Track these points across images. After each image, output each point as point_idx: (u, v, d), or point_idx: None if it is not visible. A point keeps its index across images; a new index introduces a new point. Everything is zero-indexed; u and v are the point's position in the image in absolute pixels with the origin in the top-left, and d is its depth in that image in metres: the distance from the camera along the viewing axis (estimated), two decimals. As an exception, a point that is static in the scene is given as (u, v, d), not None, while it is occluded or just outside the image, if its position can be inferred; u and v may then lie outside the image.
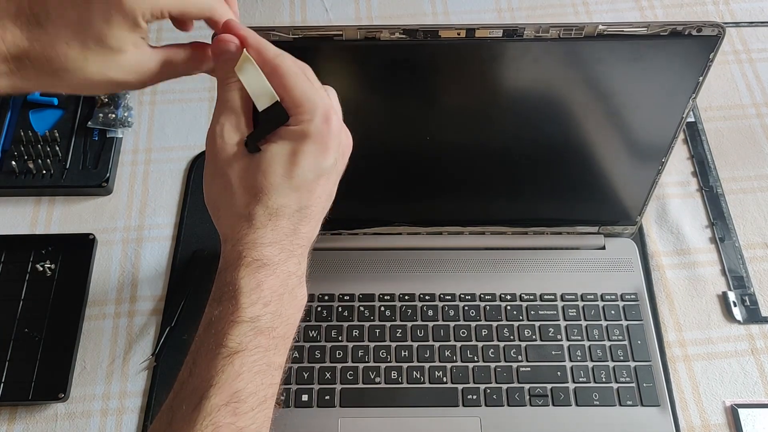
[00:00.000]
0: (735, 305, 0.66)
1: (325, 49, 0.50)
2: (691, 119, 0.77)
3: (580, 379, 0.61)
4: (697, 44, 0.49)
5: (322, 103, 0.41)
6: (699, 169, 0.74)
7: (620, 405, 0.60)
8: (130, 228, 0.71)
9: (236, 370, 0.37)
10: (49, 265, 0.67)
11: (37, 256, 0.68)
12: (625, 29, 0.48)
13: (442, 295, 0.65)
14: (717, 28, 0.48)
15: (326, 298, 0.64)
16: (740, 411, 0.61)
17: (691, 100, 0.54)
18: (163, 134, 0.77)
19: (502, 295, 0.65)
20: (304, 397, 0.60)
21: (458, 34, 0.48)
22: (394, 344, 0.62)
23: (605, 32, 0.48)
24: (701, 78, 0.52)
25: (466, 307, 0.64)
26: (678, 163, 0.75)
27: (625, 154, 0.59)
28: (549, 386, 0.60)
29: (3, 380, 0.62)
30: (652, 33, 0.49)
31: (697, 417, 0.61)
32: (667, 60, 0.51)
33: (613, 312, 0.64)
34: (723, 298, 0.67)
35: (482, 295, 0.65)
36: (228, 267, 0.40)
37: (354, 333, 0.63)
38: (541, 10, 0.86)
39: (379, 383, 0.61)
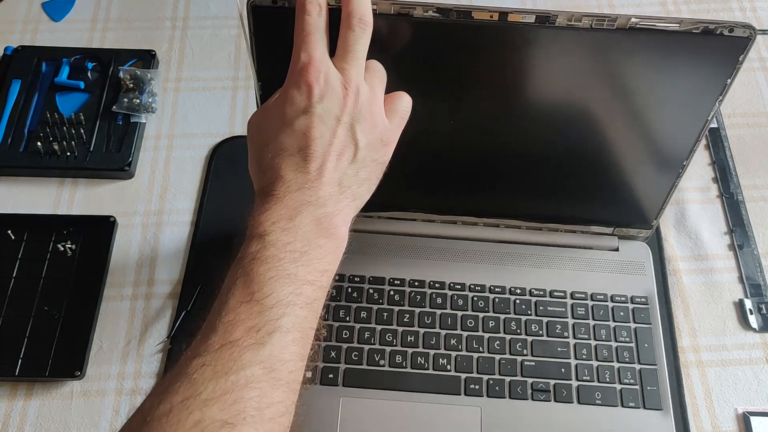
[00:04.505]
0: (751, 313, 0.65)
1: None
2: (714, 125, 0.77)
3: (584, 377, 0.60)
4: (727, 44, 0.49)
5: (302, 56, 0.44)
6: (720, 176, 0.74)
7: (622, 406, 0.59)
8: (150, 212, 0.72)
9: (250, 278, 0.41)
10: (70, 246, 0.69)
11: (58, 236, 0.69)
12: (657, 24, 0.48)
13: (452, 284, 0.65)
14: (748, 30, 0.48)
15: (336, 278, 0.64)
16: (752, 419, 0.60)
17: (717, 103, 0.53)
18: (186, 121, 0.78)
19: (512, 289, 0.65)
20: (308, 374, 0.60)
21: (491, 16, 0.48)
22: (400, 329, 0.63)
23: (637, 25, 0.48)
24: (729, 80, 0.51)
25: (475, 298, 0.64)
26: (699, 168, 0.74)
27: (647, 154, 0.59)
28: (552, 382, 0.60)
29: (21, 356, 0.63)
30: (683, 30, 0.48)
31: (708, 423, 0.61)
32: (697, 59, 0.50)
33: (622, 314, 0.63)
34: (739, 306, 0.66)
35: (492, 287, 0.65)
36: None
37: (362, 314, 0.63)
38: (567, 1, 0.86)
39: (383, 366, 0.61)
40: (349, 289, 0.64)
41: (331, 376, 0.61)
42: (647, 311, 0.64)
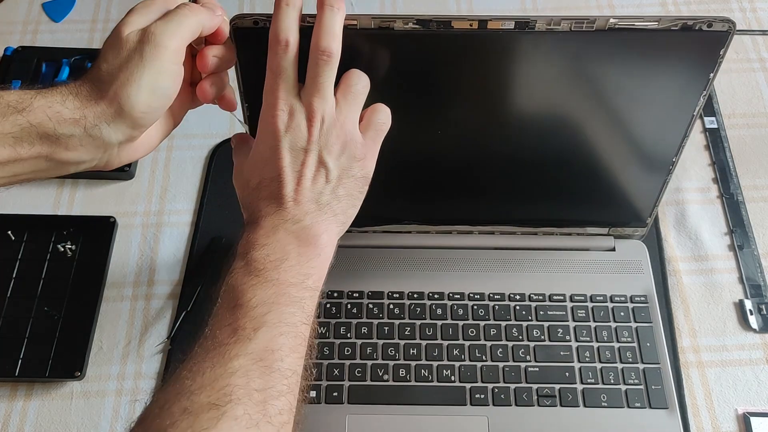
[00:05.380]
0: (751, 313, 0.65)
1: None
2: (713, 126, 0.77)
3: (588, 380, 0.60)
4: (707, 39, 0.49)
5: (268, 97, 0.47)
6: (720, 176, 0.74)
7: (628, 407, 0.59)
8: (150, 213, 0.72)
9: (234, 288, 0.44)
10: (70, 246, 0.69)
11: (58, 236, 0.69)
12: (636, 23, 0.48)
13: (451, 294, 0.65)
14: (727, 24, 0.48)
15: (335, 295, 0.65)
16: (752, 419, 0.60)
17: (701, 98, 0.53)
18: (186, 121, 0.76)
19: (511, 295, 0.65)
20: (312, 393, 0.60)
21: (471, 25, 0.48)
22: (402, 342, 0.62)
23: (616, 26, 0.48)
24: (712, 75, 0.52)
25: (475, 306, 0.64)
26: (699, 169, 0.74)
27: (636, 153, 0.59)
28: (557, 387, 0.60)
29: (21, 357, 0.63)
30: (663, 27, 0.48)
31: (709, 423, 0.61)
32: (678, 55, 0.51)
33: (622, 314, 0.63)
34: (739, 306, 0.66)
35: (491, 295, 0.64)
36: None
37: (363, 330, 0.63)
38: (565, 11, 0.86)
39: (387, 381, 0.61)
40: (349, 305, 0.64)
41: (335, 394, 0.60)
42: (647, 310, 0.64)
